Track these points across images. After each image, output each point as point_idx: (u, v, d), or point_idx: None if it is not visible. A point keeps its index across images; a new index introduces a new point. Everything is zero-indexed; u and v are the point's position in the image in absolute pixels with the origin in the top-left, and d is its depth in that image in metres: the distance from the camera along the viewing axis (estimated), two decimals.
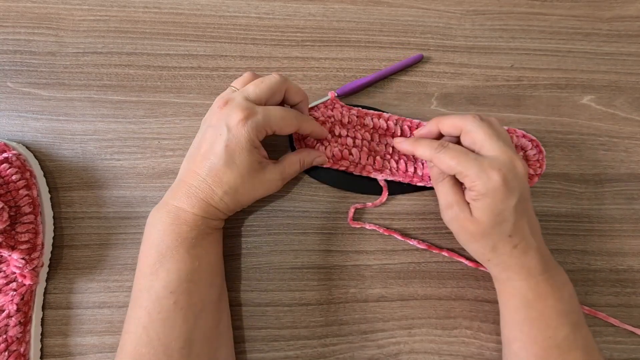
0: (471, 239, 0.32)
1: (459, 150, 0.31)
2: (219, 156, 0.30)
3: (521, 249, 0.31)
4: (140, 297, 0.29)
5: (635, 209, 0.40)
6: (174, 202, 0.30)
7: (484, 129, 0.31)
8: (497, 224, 0.30)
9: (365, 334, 0.36)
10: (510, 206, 0.29)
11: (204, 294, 0.30)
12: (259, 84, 0.32)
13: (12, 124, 0.38)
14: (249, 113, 0.30)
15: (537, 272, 0.31)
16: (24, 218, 0.33)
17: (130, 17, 0.41)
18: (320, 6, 0.43)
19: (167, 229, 0.29)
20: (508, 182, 0.29)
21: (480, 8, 0.44)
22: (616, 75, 0.43)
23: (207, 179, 0.30)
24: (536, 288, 0.31)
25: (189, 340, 0.28)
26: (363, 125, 0.38)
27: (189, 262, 0.29)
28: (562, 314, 0.30)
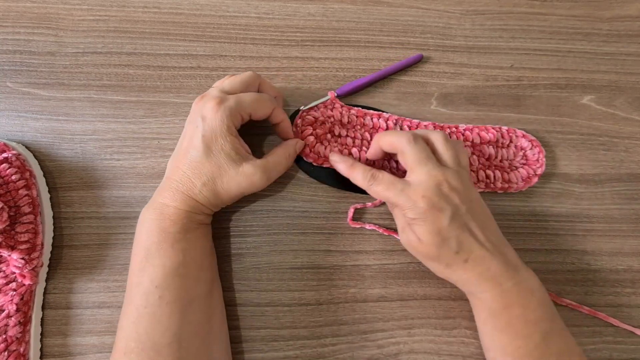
0: (425, 260, 0.33)
1: (388, 181, 0.32)
2: (197, 148, 0.31)
3: (473, 261, 0.30)
4: (130, 294, 0.30)
5: (635, 209, 0.40)
6: (159, 199, 0.31)
7: (414, 152, 0.32)
8: (439, 245, 0.30)
9: (365, 334, 0.36)
10: (444, 225, 0.30)
11: (191, 289, 0.30)
12: (233, 79, 0.34)
13: (11, 124, 0.38)
14: (221, 100, 0.31)
15: (499, 280, 0.30)
16: (23, 218, 0.33)
17: (129, 17, 0.41)
18: (320, 6, 0.43)
19: (153, 225, 0.30)
20: (434, 204, 0.30)
21: (480, 8, 0.44)
22: (616, 75, 0.43)
23: (187, 171, 0.31)
24: (500, 299, 0.30)
25: (177, 335, 0.28)
26: (363, 125, 0.38)
27: (173, 256, 0.30)
28: (530, 324, 0.30)
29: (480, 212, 0.32)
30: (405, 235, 0.32)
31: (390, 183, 0.32)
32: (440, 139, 0.33)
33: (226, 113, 0.31)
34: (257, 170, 0.32)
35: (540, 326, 0.30)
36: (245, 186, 0.32)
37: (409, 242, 0.32)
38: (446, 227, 0.30)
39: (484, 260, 0.30)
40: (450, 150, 0.33)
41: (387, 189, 0.31)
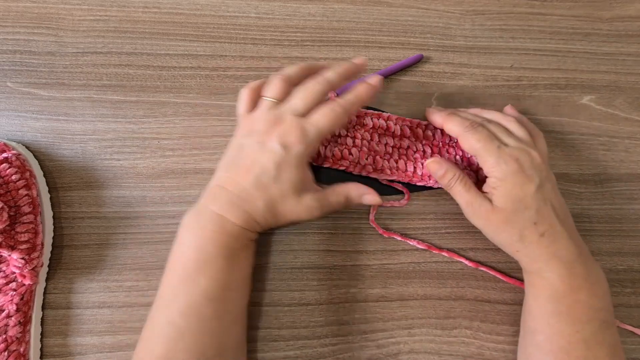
0: (497, 230, 0.32)
1: (486, 135, 0.32)
2: (267, 171, 0.30)
3: (549, 237, 0.30)
4: (175, 302, 0.28)
5: (635, 209, 0.40)
6: (216, 210, 0.30)
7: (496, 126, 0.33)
8: (519, 211, 0.30)
9: (365, 334, 0.36)
10: (529, 192, 0.30)
11: (238, 303, 0.31)
12: (305, 97, 0.31)
13: (11, 124, 0.38)
14: (303, 132, 0.30)
15: (569, 263, 0.30)
16: (23, 218, 0.33)
17: (129, 17, 0.41)
18: (320, 6, 0.43)
19: (210, 236, 0.29)
20: (525, 169, 0.31)
21: (480, 8, 0.44)
22: (616, 75, 0.43)
23: (251, 190, 0.30)
24: (568, 280, 0.30)
25: (222, 347, 0.29)
26: (363, 125, 0.38)
27: (228, 271, 0.29)
28: (593, 310, 0.30)
29: (559, 195, 0.32)
30: (474, 206, 0.32)
31: (488, 137, 0.32)
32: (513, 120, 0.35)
33: (308, 147, 0.30)
34: (317, 205, 0.32)
35: (601, 315, 0.30)
36: (303, 217, 0.32)
37: (477, 213, 0.32)
38: (531, 195, 0.30)
39: (561, 238, 0.30)
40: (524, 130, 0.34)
41: (483, 141, 0.32)
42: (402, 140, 0.38)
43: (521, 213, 0.30)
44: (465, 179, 0.33)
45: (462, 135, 0.33)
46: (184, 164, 0.38)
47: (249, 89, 0.33)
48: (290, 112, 0.31)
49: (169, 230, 0.37)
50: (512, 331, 0.36)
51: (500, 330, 0.36)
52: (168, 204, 0.37)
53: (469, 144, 0.32)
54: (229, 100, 0.40)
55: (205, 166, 0.38)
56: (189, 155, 0.38)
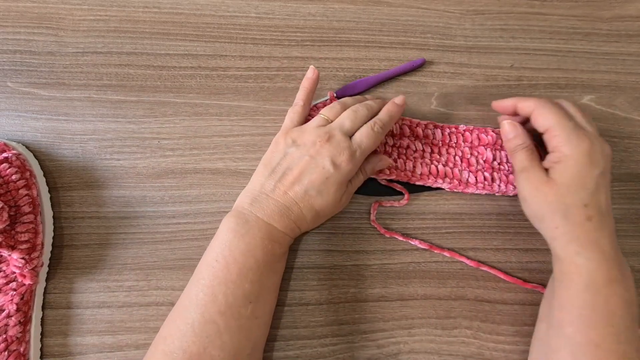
0: (543, 202, 0.31)
1: (565, 112, 0.32)
2: (315, 186, 0.32)
3: (596, 222, 0.30)
4: (213, 301, 0.29)
5: (635, 209, 0.40)
6: (265, 219, 0.31)
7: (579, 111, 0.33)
8: (574, 189, 0.30)
9: (365, 334, 0.36)
10: (593, 174, 0.30)
11: (272, 304, 0.32)
12: (354, 118, 0.34)
13: (12, 124, 0.38)
14: (351, 152, 0.32)
15: (607, 253, 0.29)
16: (23, 218, 0.33)
17: (130, 17, 0.41)
18: (320, 6, 0.43)
19: (259, 244, 0.30)
20: (595, 153, 0.30)
21: (480, 8, 0.44)
22: (616, 75, 0.43)
23: (299, 202, 0.32)
24: (607, 272, 0.29)
25: (256, 346, 0.30)
26: None
27: (271, 276, 0.31)
28: (628, 304, 0.29)
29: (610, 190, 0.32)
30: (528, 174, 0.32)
31: (565, 115, 0.32)
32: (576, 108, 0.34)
33: (355, 166, 0.33)
34: (348, 195, 0.35)
35: (634, 310, 0.29)
36: (338, 210, 0.35)
37: (529, 181, 0.32)
38: (592, 177, 0.30)
39: (605, 227, 0.30)
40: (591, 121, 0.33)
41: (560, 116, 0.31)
42: (402, 140, 0.38)
43: (575, 192, 0.30)
44: (532, 150, 0.33)
45: (540, 107, 0.32)
46: (184, 164, 0.38)
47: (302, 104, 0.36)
48: (339, 130, 0.33)
49: (169, 230, 0.37)
50: (512, 331, 0.36)
51: (500, 330, 0.36)
52: (168, 204, 0.37)
53: (545, 116, 0.32)
54: (229, 100, 0.40)
55: (205, 166, 0.38)
56: (189, 155, 0.38)
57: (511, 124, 0.34)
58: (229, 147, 0.39)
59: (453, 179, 0.38)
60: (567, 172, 0.30)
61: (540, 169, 0.32)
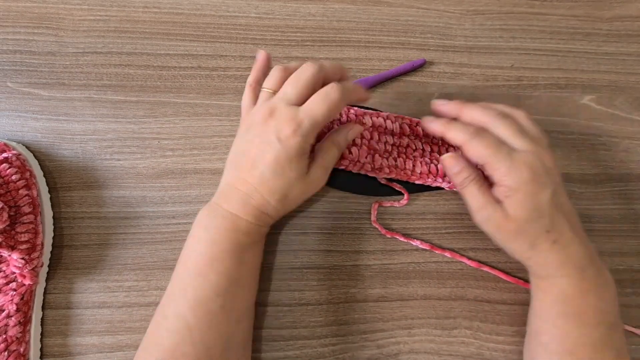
0: (509, 238, 0.31)
1: (494, 141, 0.30)
2: (270, 166, 0.29)
3: (562, 244, 0.29)
4: (184, 297, 0.29)
5: (635, 209, 0.40)
6: (229, 208, 0.30)
7: (507, 125, 0.31)
8: (533, 220, 0.29)
9: (365, 334, 0.36)
10: (545, 200, 0.29)
11: (246, 299, 0.31)
12: (297, 83, 0.30)
13: (12, 124, 0.38)
14: (297, 124, 0.29)
15: (580, 267, 0.30)
16: (23, 218, 0.33)
17: (130, 17, 0.41)
18: (320, 6, 0.43)
19: (223, 233, 0.30)
20: (538, 176, 0.29)
21: (480, 8, 0.44)
22: (616, 75, 0.43)
23: (259, 187, 0.30)
24: (579, 284, 0.29)
25: (229, 343, 0.29)
26: (362, 124, 0.38)
27: (238, 267, 0.30)
28: (600, 313, 0.29)
29: (567, 199, 0.31)
30: (486, 212, 0.30)
31: (497, 144, 0.30)
32: (525, 116, 0.32)
33: (304, 138, 0.29)
34: (320, 172, 0.32)
35: (609, 318, 0.30)
36: (312, 191, 0.33)
37: (489, 220, 0.30)
38: (546, 202, 0.29)
39: (572, 244, 0.30)
40: (537, 127, 0.32)
41: (493, 148, 0.29)
42: (402, 139, 0.38)
43: (535, 222, 0.29)
44: (481, 181, 0.31)
45: (467, 143, 0.30)
46: (183, 164, 0.38)
47: (250, 86, 0.33)
48: (282, 101, 0.30)
49: (169, 230, 0.37)
50: (512, 331, 0.36)
51: (500, 331, 0.36)
52: (168, 204, 0.37)
53: (477, 151, 0.30)
54: (229, 100, 0.40)
55: (205, 166, 0.38)
56: (189, 155, 0.38)
57: (452, 157, 0.32)
58: (229, 147, 0.38)
59: None
60: (521, 207, 0.29)
61: (496, 204, 0.30)
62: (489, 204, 0.30)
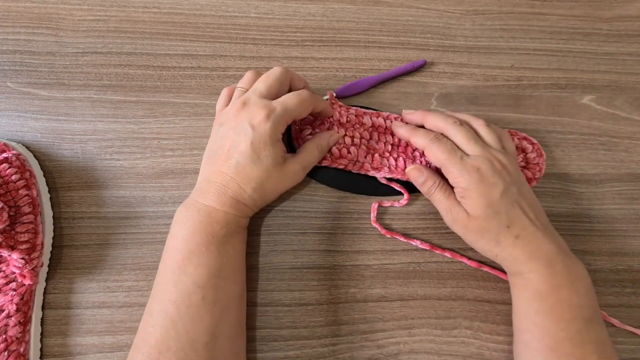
0: (475, 237, 0.33)
1: (450, 147, 0.33)
2: (245, 154, 0.31)
3: (525, 238, 0.31)
4: (166, 291, 0.29)
5: (635, 209, 0.40)
6: (204, 202, 0.31)
7: (462, 132, 0.34)
8: (490, 217, 0.31)
9: (365, 334, 0.36)
10: (495, 198, 0.31)
11: (230, 290, 0.31)
12: (267, 79, 0.33)
13: (12, 124, 0.38)
14: (269, 109, 0.31)
15: (550, 261, 0.30)
16: (23, 218, 0.33)
17: (129, 17, 0.41)
18: (320, 6, 0.43)
19: (198, 226, 0.30)
20: (487, 177, 0.31)
21: (480, 8, 0.44)
22: (616, 75, 0.43)
23: (235, 177, 0.31)
24: (549, 280, 0.30)
25: (214, 335, 0.29)
26: (361, 124, 0.38)
27: (217, 258, 0.30)
28: (575, 308, 0.30)
29: (529, 195, 0.33)
30: (453, 214, 0.33)
31: (451, 149, 0.33)
32: (482, 124, 0.35)
33: (275, 123, 0.31)
34: (298, 168, 0.34)
35: (585, 312, 0.30)
36: (288, 184, 0.34)
37: (456, 220, 0.33)
38: (497, 200, 0.31)
39: (536, 237, 0.31)
40: (493, 134, 0.34)
41: (447, 153, 0.33)
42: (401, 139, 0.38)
43: (493, 218, 0.31)
44: (445, 187, 0.34)
45: (427, 148, 0.34)
46: (183, 164, 0.38)
47: (227, 88, 0.36)
48: (254, 94, 0.33)
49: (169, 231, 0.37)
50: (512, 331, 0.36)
51: (500, 331, 0.36)
52: (168, 204, 0.37)
53: (434, 155, 0.33)
54: None
55: None
56: (189, 155, 0.38)
57: (416, 169, 0.35)
58: None
59: None
60: (475, 205, 0.32)
61: (458, 206, 0.33)
62: (453, 206, 0.33)
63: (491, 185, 0.31)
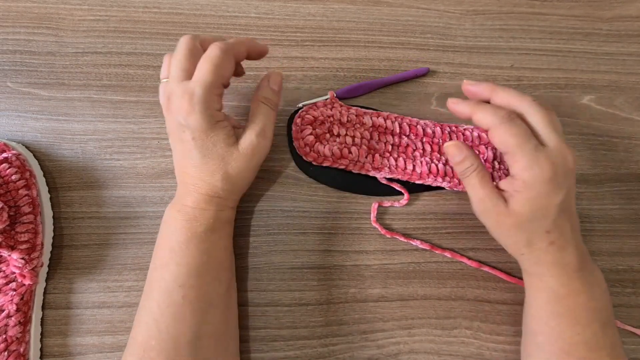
0: (506, 233, 0.31)
1: (524, 131, 0.28)
2: (194, 152, 0.30)
3: (558, 245, 0.29)
4: (151, 290, 0.30)
5: (635, 209, 0.40)
6: (183, 202, 0.31)
7: (543, 115, 0.29)
8: (535, 219, 0.29)
9: (365, 334, 0.36)
10: (555, 203, 0.28)
11: (212, 289, 0.31)
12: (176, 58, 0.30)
13: (12, 124, 0.38)
14: (189, 95, 0.28)
15: (571, 269, 0.30)
16: (23, 218, 0.33)
17: (130, 17, 0.41)
18: (320, 6, 0.43)
19: (178, 225, 0.30)
20: (557, 177, 0.28)
21: (480, 8, 0.44)
22: (616, 75, 0.43)
23: (196, 174, 0.31)
24: (568, 284, 0.30)
25: (197, 334, 0.29)
26: (362, 124, 0.38)
27: (197, 257, 0.30)
28: (592, 312, 0.29)
29: (574, 200, 0.31)
30: (486, 205, 0.30)
31: (526, 134, 0.28)
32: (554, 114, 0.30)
33: (202, 107, 0.28)
34: (253, 139, 0.31)
35: (601, 315, 0.30)
36: (252, 159, 0.31)
37: (489, 211, 0.30)
38: (555, 205, 0.28)
39: (567, 247, 0.30)
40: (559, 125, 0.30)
41: (521, 137, 0.28)
42: (402, 139, 0.38)
43: (537, 221, 0.29)
44: (483, 172, 0.30)
45: (497, 128, 0.29)
46: None
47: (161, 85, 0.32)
48: (174, 81, 0.29)
49: None
50: (512, 331, 0.36)
51: (500, 331, 0.36)
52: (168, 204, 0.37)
53: (503, 138, 0.28)
54: (228, 101, 0.40)
55: None
56: None
57: (455, 145, 0.31)
58: None
59: (453, 178, 0.37)
60: (528, 204, 0.28)
61: (498, 196, 0.29)
62: (489, 196, 0.30)
63: (557, 187, 0.28)
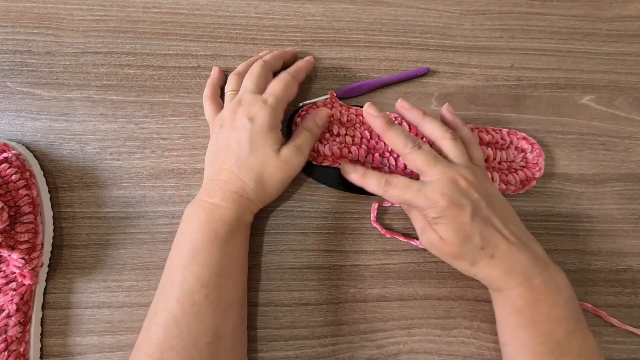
0: (450, 259, 0.33)
1: (403, 185, 0.32)
2: (244, 147, 0.32)
3: (499, 256, 0.30)
4: (171, 290, 0.29)
5: (635, 209, 0.40)
6: (209, 199, 0.32)
7: (422, 156, 0.32)
8: (464, 242, 0.30)
9: (365, 334, 0.36)
10: (466, 221, 0.30)
11: (232, 290, 0.31)
12: (251, 77, 0.35)
13: (11, 124, 0.38)
14: (263, 101, 0.33)
15: (527, 276, 0.30)
16: (23, 218, 0.33)
17: (129, 17, 0.41)
18: (320, 6, 0.43)
19: (202, 225, 0.31)
20: (454, 200, 0.30)
21: (480, 8, 0.44)
22: (616, 75, 0.43)
23: (236, 171, 0.32)
24: (526, 295, 0.30)
25: (217, 335, 0.29)
26: (362, 124, 0.38)
27: (220, 257, 0.30)
28: (554, 321, 0.30)
29: (500, 206, 0.32)
30: (427, 236, 0.33)
31: (406, 186, 0.32)
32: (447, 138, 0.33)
33: (271, 111, 0.33)
34: (292, 151, 0.33)
35: (564, 325, 0.30)
36: (287, 170, 0.33)
37: (431, 243, 0.32)
38: (468, 222, 0.30)
39: (511, 254, 0.30)
40: (457, 147, 0.33)
41: (404, 191, 0.32)
42: None
43: (466, 243, 0.30)
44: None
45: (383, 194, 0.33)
46: (183, 164, 0.38)
47: (209, 96, 0.38)
48: (244, 91, 0.35)
49: (169, 230, 0.37)
50: None
51: None
52: (168, 204, 0.37)
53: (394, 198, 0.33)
54: None
55: None
56: (189, 155, 0.38)
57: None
58: None
59: None
60: (448, 232, 0.31)
61: (432, 229, 0.32)
62: (428, 228, 0.33)
63: (459, 208, 0.30)
